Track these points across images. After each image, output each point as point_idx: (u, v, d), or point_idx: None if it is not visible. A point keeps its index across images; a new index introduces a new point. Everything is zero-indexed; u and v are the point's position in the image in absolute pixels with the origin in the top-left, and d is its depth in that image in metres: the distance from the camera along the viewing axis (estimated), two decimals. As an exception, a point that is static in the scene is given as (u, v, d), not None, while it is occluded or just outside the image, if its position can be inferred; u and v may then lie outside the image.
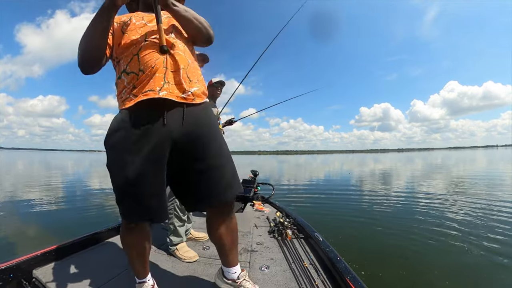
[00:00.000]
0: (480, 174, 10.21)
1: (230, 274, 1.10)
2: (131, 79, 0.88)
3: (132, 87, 0.88)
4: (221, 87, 2.09)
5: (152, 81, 0.86)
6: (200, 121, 0.94)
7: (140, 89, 0.86)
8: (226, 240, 1.05)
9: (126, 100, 0.89)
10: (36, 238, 3.28)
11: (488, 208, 4.26)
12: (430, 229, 3.29)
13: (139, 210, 0.90)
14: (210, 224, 1.07)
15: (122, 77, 0.90)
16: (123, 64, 0.90)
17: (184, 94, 0.90)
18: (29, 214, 4.46)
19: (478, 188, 6.50)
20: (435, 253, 2.57)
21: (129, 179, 0.86)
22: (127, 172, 0.86)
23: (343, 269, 1.17)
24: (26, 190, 7.07)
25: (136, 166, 0.86)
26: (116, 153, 0.89)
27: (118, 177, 0.89)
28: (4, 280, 1.17)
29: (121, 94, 0.91)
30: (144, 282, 1.08)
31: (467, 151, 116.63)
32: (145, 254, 1.06)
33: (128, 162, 0.86)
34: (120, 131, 0.89)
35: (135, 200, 0.89)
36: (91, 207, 5.06)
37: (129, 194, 0.88)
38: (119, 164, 0.88)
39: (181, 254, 1.52)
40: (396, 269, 2.26)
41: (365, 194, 6.29)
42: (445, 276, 2.13)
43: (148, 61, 0.87)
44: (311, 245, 1.63)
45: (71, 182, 9.47)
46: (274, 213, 2.41)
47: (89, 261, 1.47)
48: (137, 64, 0.87)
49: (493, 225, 3.36)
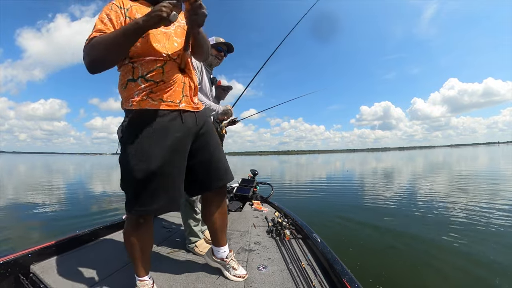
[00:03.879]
0: (482, 172, 10.16)
1: (219, 253, 1.26)
2: (149, 85, 0.94)
3: (149, 91, 0.95)
4: (228, 91, 2.29)
5: (173, 92, 0.98)
6: (206, 122, 1.14)
7: (159, 96, 0.95)
8: (218, 221, 1.22)
9: (142, 101, 0.95)
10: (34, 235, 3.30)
11: (490, 207, 4.23)
12: (430, 229, 3.27)
13: (161, 199, 0.95)
14: (206, 206, 1.23)
15: (138, 81, 0.95)
16: (142, 70, 0.94)
17: (194, 105, 1.08)
18: (28, 213, 4.49)
19: (480, 186, 6.47)
20: (435, 253, 2.55)
21: (153, 170, 0.92)
22: (151, 163, 0.92)
23: (341, 270, 1.17)
24: (26, 191, 7.11)
25: (161, 157, 0.94)
26: (137, 147, 0.93)
27: (138, 170, 0.92)
28: (2, 275, 1.18)
29: (134, 95, 0.95)
30: (144, 280, 1.09)
31: (468, 148, 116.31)
32: (148, 251, 1.10)
33: (152, 154, 0.93)
34: (140, 127, 0.94)
35: (157, 190, 0.94)
36: (90, 208, 5.07)
37: (151, 185, 0.93)
38: (142, 157, 0.92)
39: (200, 251, 1.56)
40: (394, 270, 2.25)
41: (365, 194, 6.27)
42: (445, 277, 2.12)
43: (170, 76, 0.97)
44: (309, 245, 1.63)
45: (71, 184, 9.51)
46: (273, 213, 2.40)
47: (86, 257, 1.47)
48: (161, 75, 0.95)
49: (496, 223, 3.33)
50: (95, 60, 0.86)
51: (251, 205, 2.78)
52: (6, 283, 1.18)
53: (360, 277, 1.13)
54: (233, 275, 1.24)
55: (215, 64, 1.75)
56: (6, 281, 1.18)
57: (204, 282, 1.22)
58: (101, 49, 0.84)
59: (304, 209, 4.76)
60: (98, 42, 0.84)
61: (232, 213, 2.54)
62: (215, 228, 1.23)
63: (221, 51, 1.71)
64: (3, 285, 1.16)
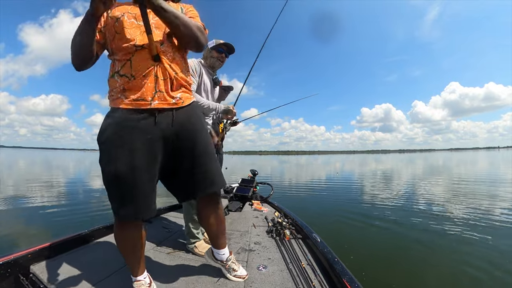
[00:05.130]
0: (482, 177, 10.15)
1: (219, 255, 1.24)
2: (123, 81, 0.91)
3: (122, 89, 0.92)
4: (229, 92, 2.35)
5: (144, 89, 0.90)
6: (191, 122, 1.01)
7: (131, 93, 0.90)
8: (214, 226, 1.19)
9: (117, 99, 0.92)
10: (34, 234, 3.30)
11: (490, 211, 4.23)
12: (430, 230, 3.29)
13: (129, 206, 0.91)
14: (200, 212, 1.21)
15: (115, 77, 0.93)
16: (117, 65, 0.93)
17: (174, 100, 0.96)
18: (28, 210, 4.48)
19: (480, 190, 6.46)
20: (434, 254, 2.56)
21: (120, 174, 0.88)
22: (118, 167, 0.88)
23: (341, 270, 1.17)
24: (25, 187, 7.10)
25: (127, 161, 0.88)
26: (107, 149, 0.91)
27: (109, 173, 0.90)
28: (2, 275, 1.18)
29: (112, 93, 0.94)
30: (139, 280, 1.08)
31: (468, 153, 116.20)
32: (139, 251, 1.06)
33: (119, 158, 0.88)
34: (111, 128, 0.91)
35: (125, 195, 0.90)
36: (89, 205, 5.07)
37: (119, 189, 0.90)
38: (110, 160, 0.89)
39: (200, 251, 1.56)
40: (394, 271, 2.26)
41: (364, 195, 6.28)
42: (445, 277, 2.12)
43: (140, 69, 0.90)
44: (309, 245, 1.63)
45: (70, 181, 9.51)
46: (273, 213, 2.40)
47: (86, 257, 1.47)
48: (130, 69, 0.90)
49: (495, 227, 3.34)
50: (72, 55, 0.90)
51: (251, 205, 2.79)
52: (6, 284, 1.18)
53: (360, 277, 1.14)
54: (234, 275, 1.23)
55: (218, 66, 1.71)
56: (6, 281, 1.18)
57: (204, 282, 1.22)
58: (72, 43, 0.88)
59: (304, 209, 4.76)
60: (72, 39, 0.88)
61: (232, 213, 2.55)
62: (212, 232, 1.21)
63: (222, 52, 1.68)
64: (3, 285, 1.16)
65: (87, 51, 0.90)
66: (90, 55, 0.92)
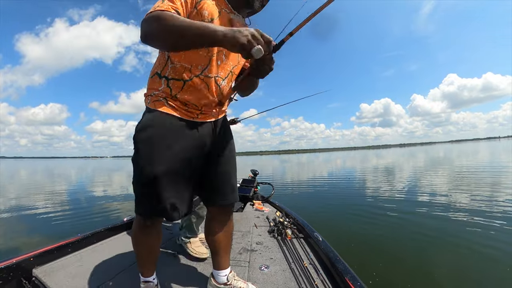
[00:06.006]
0: (484, 168, 10.13)
1: (220, 278, 1.13)
2: (173, 87, 0.89)
3: (170, 94, 0.90)
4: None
5: (196, 104, 0.92)
6: (225, 132, 1.07)
7: (180, 101, 0.91)
8: (221, 241, 1.12)
9: (159, 102, 0.90)
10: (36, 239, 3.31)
11: (493, 205, 4.21)
12: (433, 227, 3.24)
13: (162, 206, 0.89)
14: (210, 224, 1.14)
15: (162, 80, 0.91)
16: (171, 72, 0.89)
17: (215, 112, 1.01)
18: (30, 217, 4.49)
19: (482, 183, 6.43)
20: (437, 252, 2.53)
21: (161, 173, 0.86)
22: (161, 166, 0.86)
23: (343, 269, 1.16)
24: (27, 196, 7.13)
25: (169, 164, 0.88)
26: (150, 148, 0.88)
27: (144, 173, 0.87)
28: (4, 279, 1.17)
29: (158, 92, 0.91)
30: (149, 281, 1.08)
31: (469, 144, 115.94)
32: (155, 252, 1.07)
33: (163, 158, 0.87)
34: (155, 128, 0.89)
35: (161, 194, 0.88)
36: (91, 211, 5.08)
37: (154, 189, 0.87)
38: (153, 158, 0.87)
39: (192, 248, 1.53)
40: (397, 269, 2.23)
41: (366, 192, 6.26)
42: (448, 276, 2.10)
43: (201, 89, 0.90)
44: (311, 245, 1.62)
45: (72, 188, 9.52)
46: (274, 212, 2.40)
47: (88, 260, 1.47)
48: (190, 86, 0.89)
49: (498, 222, 3.31)
50: (152, 34, 0.75)
51: (252, 205, 2.78)
52: (9, 287, 1.18)
53: (362, 275, 1.13)
54: None
55: None
56: (8, 285, 1.18)
57: (205, 283, 1.21)
58: (164, 27, 0.72)
59: (305, 209, 4.75)
60: (165, 19, 0.72)
61: (233, 213, 2.54)
62: (218, 249, 1.12)
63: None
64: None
65: (174, 46, 0.78)
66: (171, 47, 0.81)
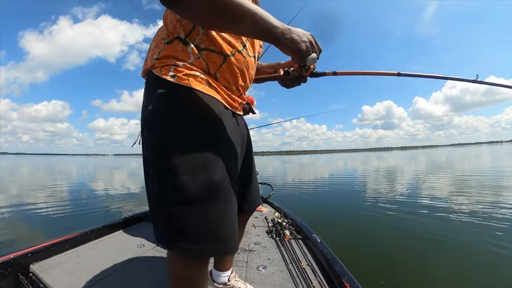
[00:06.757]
0: (485, 172, 10.06)
1: (221, 278, 1.10)
2: (210, 61, 0.65)
3: (208, 72, 0.65)
4: None
5: (239, 89, 0.74)
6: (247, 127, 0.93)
7: (221, 84, 0.69)
8: None
9: (195, 78, 0.63)
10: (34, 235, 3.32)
11: (495, 208, 4.18)
12: (432, 230, 3.22)
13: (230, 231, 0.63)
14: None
15: (189, 48, 0.63)
16: (206, 39, 0.64)
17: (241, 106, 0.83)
18: (29, 213, 4.51)
19: (484, 187, 6.39)
20: (437, 255, 2.51)
21: (215, 185, 0.60)
22: (213, 176, 0.60)
23: (340, 271, 1.16)
24: (27, 192, 7.16)
25: (224, 168, 0.63)
26: (186, 147, 0.59)
27: (189, 184, 0.57)
28: (1, 274, 1.18)
29: (187, 64, 0.63)
30: None
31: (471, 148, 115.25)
32: None
33: (212, 162, 0.61)
34: (190, 115, 0.61)
35: (232, 216, 0.64)
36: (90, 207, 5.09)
37: (227, 208, 0.63)
38: (195, 165, 0.58)
39: None
40: (395, 272, 2.22)
41: (366, 194, 6.23)
42: (447, 278, 2.09)
43: (243, 70, 0.72)
44: (309, 246, 1.62)
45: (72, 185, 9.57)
46: (273, 213, 2.39)
47: (86, 256, 1.47)
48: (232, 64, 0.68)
49: (500, 225, 3.29)
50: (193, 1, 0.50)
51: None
52: (6, 283, 1.18)
53: (360, 277, 1.12)
54: None
55: None
56: (5, 280, 1.19)
57: None
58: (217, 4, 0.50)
59: (304, 210, 4.73)
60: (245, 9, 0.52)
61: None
62: None
63: None
64: (3, 284, 1.17)
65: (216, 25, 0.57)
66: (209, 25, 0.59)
